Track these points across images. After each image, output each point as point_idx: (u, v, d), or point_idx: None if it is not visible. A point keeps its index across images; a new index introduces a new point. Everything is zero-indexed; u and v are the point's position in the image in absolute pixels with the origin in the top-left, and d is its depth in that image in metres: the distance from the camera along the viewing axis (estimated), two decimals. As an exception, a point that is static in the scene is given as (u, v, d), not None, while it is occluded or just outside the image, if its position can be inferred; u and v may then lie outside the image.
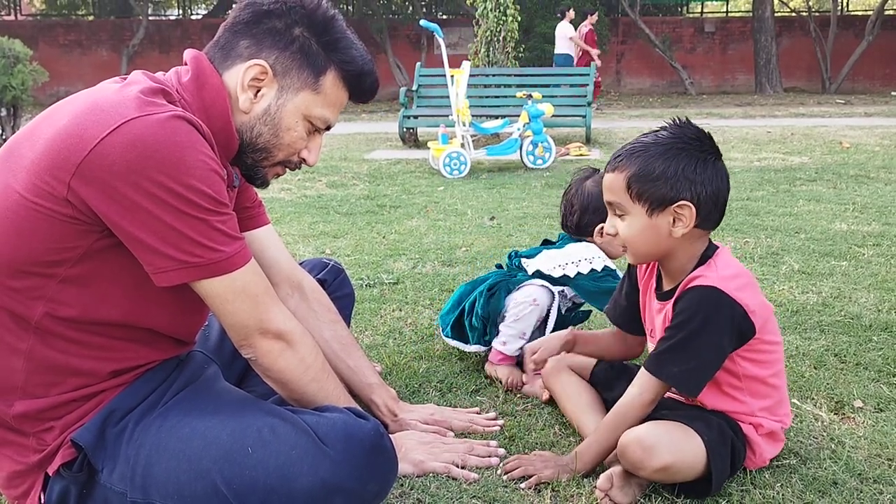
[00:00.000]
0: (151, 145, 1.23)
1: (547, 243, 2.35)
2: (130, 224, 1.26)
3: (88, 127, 1.24)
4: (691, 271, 1.57)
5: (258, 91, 1.43)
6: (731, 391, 1.59)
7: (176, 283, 1.31)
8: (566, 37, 12.11)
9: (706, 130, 1.59)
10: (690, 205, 1.52)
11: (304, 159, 1.52)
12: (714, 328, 1.50)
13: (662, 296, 1.64)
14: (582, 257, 2.17)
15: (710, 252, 1.59)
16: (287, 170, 1.55)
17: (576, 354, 1.88)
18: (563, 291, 2.20)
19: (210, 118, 1.40)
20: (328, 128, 1.52)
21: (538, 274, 2.19)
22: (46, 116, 1.34)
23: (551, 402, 1.95)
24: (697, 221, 1.53)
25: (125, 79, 1.40)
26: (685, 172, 1.51)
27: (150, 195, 1.24)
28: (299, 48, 1.43)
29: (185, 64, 1.45)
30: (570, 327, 1.91)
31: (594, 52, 12.12)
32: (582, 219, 2.22)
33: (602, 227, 1.77)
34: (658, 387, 1.55)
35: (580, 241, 2.23)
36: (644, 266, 1.70)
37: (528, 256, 2.29)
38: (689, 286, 1.54)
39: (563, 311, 2.22)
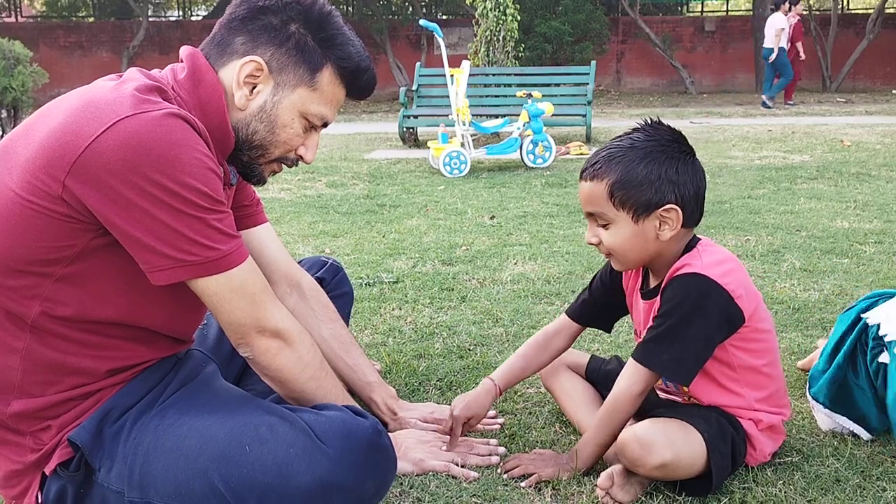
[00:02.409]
0: (147, 143, 1.22)
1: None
2: (126, 222, 1.25)
3: (83, 125, 1.23)
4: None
5: (254, 88, 1.42)
6: (728, 383, 1.58)
7: (172, 281, 1.30)
8: (776, 28, 12.09)
9: (676, 129, 1.57)
10: (676, 207, 1.51)
11: (301, 156, 1.51)
12: (701, 314, 1.49)
13: (648, 294, 1.63)
14: None
15: (693, 243, 1.58)
16: (284, 167, 1.54)
17: (571, 351, 1.87)
18: None
19: (206, 115, 1.39)
20: (325, 125, 1.51)
21: None
22: (41, 114, 1.33)
23: (550, 400, 1.94)
24: (682, 221, 1.53)
25: (120, 76, 1.39)
26: (668, 175, 1.50)
27: (146, 193, 1.23)
28: (295, 44, 1.42)
29: (181, 61, 1.44)
30: (487, 378, 1.78)
31: (797, 45, 12.25)
32: None
33: None
34: (647, 376, 1.54)
35: None
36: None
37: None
38: (675, 275, 1.53)
39: None
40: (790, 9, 12.30)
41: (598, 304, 1.78)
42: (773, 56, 12.08)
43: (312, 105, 1.46)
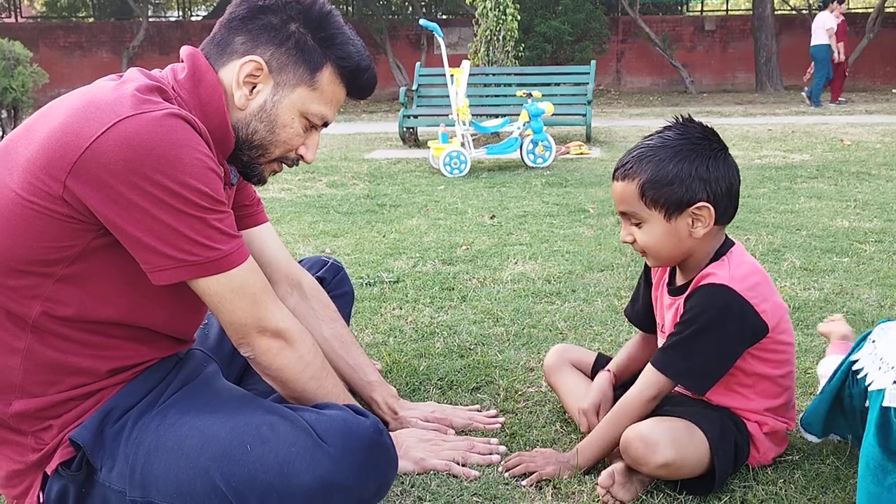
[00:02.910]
0: (147, 143, 1.23)
1: None
2: (127, 222, 1.25)
3: (84, 125, 1.24)
4: (705, 267, 1.56)
5: (254, 87, 1.42)
6: (740, 388, 1.58)
7: (173, 281, 1.30)
8: (825, 28, 12.09)
9: (709, 126, 1.57)
10: (708, 205, 1.51)
11: (301, 156, 1.51)
12: (723, 327, 1.49)
13: (674, 291, 1.63)
14: None
15: (724, 249, 1.58)
16: (284, 166, 1.54)
17: (576, 348, 1.87)
18: None
19: (206, 115, 1.39)
20: (325, 124, 1.51)
21: None
22: (42, 115, 1.34)
23: (551, 399, 1.94)
24: (715, 218, 1.52)
25: (121, 76, 1.39)
26: (699, 172, 1.50)
27: (147, 193, 1.23)
28: (295, 44, 1.42)
29: (182, 61, 1.44)
30: (604, 371, 1.81)
31: (839, 45, 12.20)
32: None
33: None
34: (664, 383, 1.54)
35: None
36: None
37: None
38: (700, 283, 1.53)
39: None
40: (836, 8, 12.27)
41: (643, 301, 1.77)
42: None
43: (312, 104, 1.46)
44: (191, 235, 1.28)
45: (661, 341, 1.66)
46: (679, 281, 1.62)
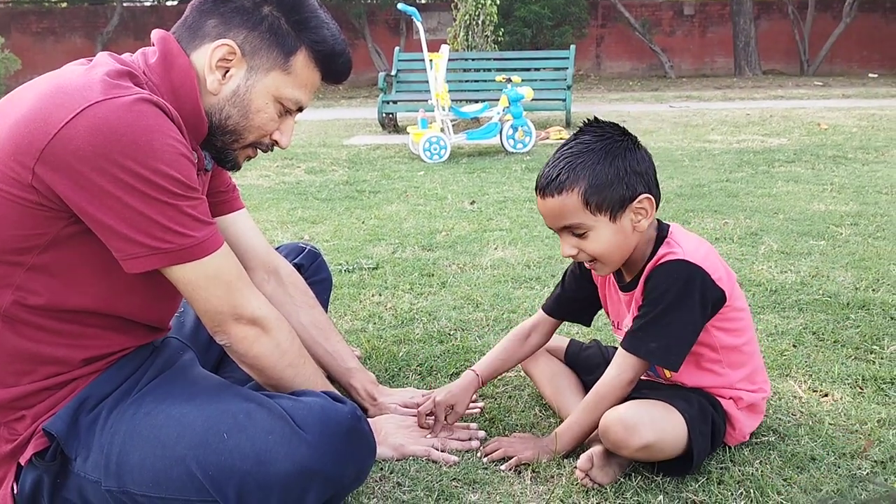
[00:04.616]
0: (118, 129, 1.20)
1: None
2: (98, 210, 1.23)
3: (52, 111, 1.21)
4: (651, 254, 1.57)
5: (227, 72, 1.40)
6: (710, 365, 1.59)
7: (146, 269, 1.28)
8: None
9: (617, 124, 1.58)
10: (649, 195, 1.52)
11: (276, 141, 1.50)
12: (688, 299, 1.50)
13: (627, 287, 1.63)
14: None
15: (664, 232, 1.59)
16: (259, 151, 1.52)
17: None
18: None
19: (178, 100, 1.37)
20: (300, 109, 1.49)
21: None
22: (9, 101, 1.31)
23: (530, 384, 1.95)
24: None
25: (90, 61, 1.36)
26: (632, 167, 1.51)
27: (118, 180, 1.21)
28: (268, 27, 1.40)
29: (153, 45, 1.42)
30: (470, 370, 1.80)
31: None
32: None
33: None
34: (637, 365, 1.55)
35: None
36: None
37: None
38: (658, 263, 1.53)
39: None
40: None
41: (573, 299, 1.78)
42: None
43: (287, 89, 1.44)
44: (163, 222, 1.26)
45: (618, 338, 1.66)
46: (628, 277, 1.63)
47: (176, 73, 1.38)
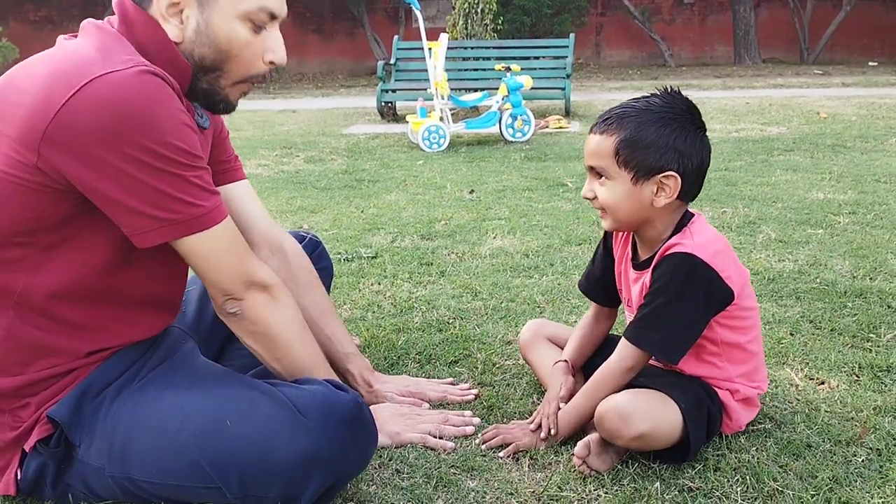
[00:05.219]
0: (121, 104, 1.20)
1: None
2: (105, 186, 1.23)
3: (53, 90, 1.21)
4: (667, 239, 1.57)
5: (181, 15, 1.35)
6: (710, 357, 1.60)
7: (158, 242, 1.28)
8: None
9: (693, 102, 1.58)
10: (676, 175, 1.51)
11: (271, 61, 1.42)
12: (692, 295, 1.51)
13: (639, 265, 1.64)
14: None
15: (685, 220, 1.59)
16: (255, 85, 1.46)
17: (551, 323, 1.88)
18: None
19: (152, 56, 1.32)
20: (274, 17, 1.40)
21: None
22: (7, 85, 1.30)
23: (528, 372, 1.96)
24: (680, 193, 1.53)
25: (75, 36, 1.35)
26: (675, 143, 1.51)
27: (125, 155, 1.21)
28: None
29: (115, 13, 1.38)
30: (560, 362, 1.79)
31: None
32: None
33: None
34: (638, 355, 1.56)
35: None
36: (619, 235, 1.70)
37: None
38: (666, 254, 1.54)
39: None
40: None
41: (599, 278, 1.77)
42: None
43: (245, 2, 1.35)
44: (172, 193, 1.26)
45: (628, 316, 1.68)
46: (642, 255, 1.64)
47: (139, 29, 1.34)
